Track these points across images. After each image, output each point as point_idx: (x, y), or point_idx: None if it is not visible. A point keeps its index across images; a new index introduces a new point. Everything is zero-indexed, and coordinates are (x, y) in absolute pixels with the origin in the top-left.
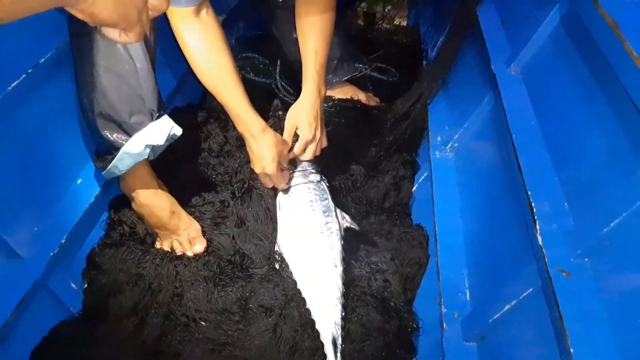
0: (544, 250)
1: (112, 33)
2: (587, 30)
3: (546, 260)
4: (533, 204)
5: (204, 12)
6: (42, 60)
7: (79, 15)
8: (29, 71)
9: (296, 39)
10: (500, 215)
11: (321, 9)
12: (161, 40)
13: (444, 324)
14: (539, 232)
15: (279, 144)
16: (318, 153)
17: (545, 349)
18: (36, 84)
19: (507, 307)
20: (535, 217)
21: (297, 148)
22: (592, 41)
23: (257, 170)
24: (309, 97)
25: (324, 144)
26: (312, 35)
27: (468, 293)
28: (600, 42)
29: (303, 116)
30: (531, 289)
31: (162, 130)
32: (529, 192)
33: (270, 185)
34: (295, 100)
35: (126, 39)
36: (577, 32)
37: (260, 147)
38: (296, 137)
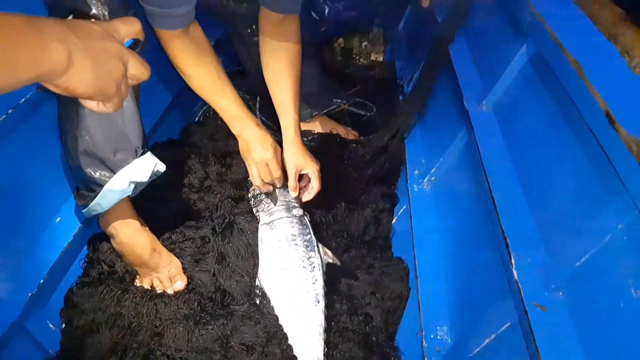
0: (519, 284)
1: (90, 104)
2: (553, 70)
3: (522, 294)
4: (508, 239)
5: (191, 29)
6: (22, 100)
7: (55, 90)
8: (9, 111)
9: None
10: (478, 249)
11: (289, 49)
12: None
13: (426, 359)
14: (514, 266)
15: (273, 141)
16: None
17: None
18: (15, 124)
19: (486, 341)
20: (510, 251)
21: (317, 183)
22: (558, 81)
23: (256, 158)
24: (293, 138)
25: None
26: (283, 77)
27: (449, 327)
28: (565, 83)
29: (299, 155)
30: (509, 323)
31: (146, 166)
32: (504, 227)
33: (263, 184)
34: (275, 134)
35: (104, 109)
36: (544, 72)
37: (256, 137)
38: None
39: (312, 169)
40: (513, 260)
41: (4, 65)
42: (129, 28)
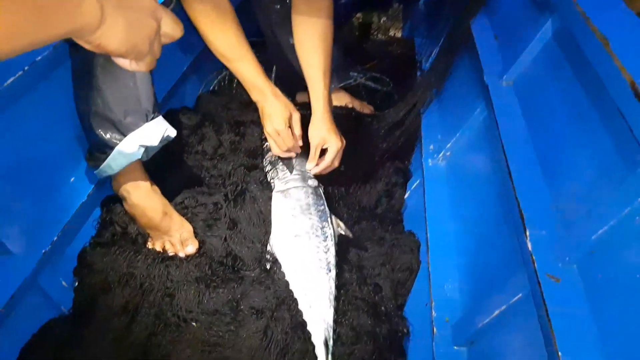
0: (533, 256)
1: (123, 62)
2: (578, 45)
3: (536, 266)
4: (523, 211)
5: None
6: (39, 58)
7: (87, 46)
8: (25, 68)
9: (291, 45)
10: (491, 223)
11: (320, 23)
12: None
13: (435, 329)
14: (528, 238)
15: (290, 107)
16: (337, 164)
17: (534, 353)
18: (32, 82)
19: (496, 312)
20: (525, 224)
21: (331, 158)
22: (583, 56)
23: (268, 128)
24: (322, 113)
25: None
26: (314, 51)
27: (459, 298)
28: (590, 57)
29: (325, 130)
30: (520, 295)
31: (156, 131)
32: (520, 200)
33: (282, 151)
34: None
35: (136, 68)
36: (568, 47)
37: (271, 107)
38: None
39: (333, 145)
40: (528, 232)
41: (36, 20)
42: None
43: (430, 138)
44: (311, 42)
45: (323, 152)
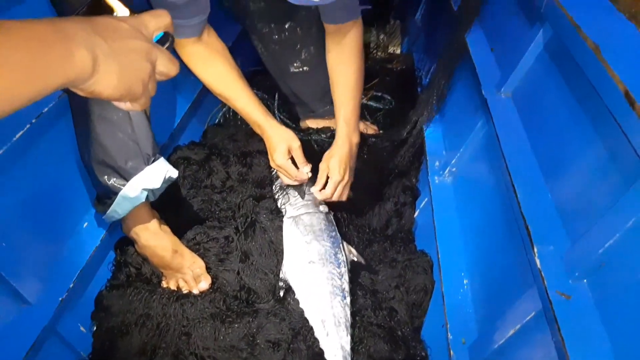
0: (542, 273)
1: (117, 103)
2: (571, 54)
3: (545, 283)
4: (530, 227)
5: (205, 35)
6: (45, 109)
7: (81, 93)
8: (33, 121)
9: (292, 73)
10: (500, 239)
11: (352, 57)
12: (159, 82)
13: (451, 351)
14: (536, 254)
15: (289, 138)
16: (344, 198)
17: None
18: (40, 132)
19: (511, 331)
20: (533, 240)
21: (330, 190)
22: (576, 65)
23: (272, 163)
24: (340, 145)
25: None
26: (343, 83)
27: (474, 318)
28: (583, 66)
29: (335, 160)
30: (534, 313)
31: (158, 173)
32: (525, 215)
33: (291, 181)
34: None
35: (131, 108)
36: (561, 57)
37: (270, 142)
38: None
39: (333, 177)
40: (535, 249)
41: (28, 80)
42: (159, 22)
43: (435, 154)
44: (343, 80)
45: None
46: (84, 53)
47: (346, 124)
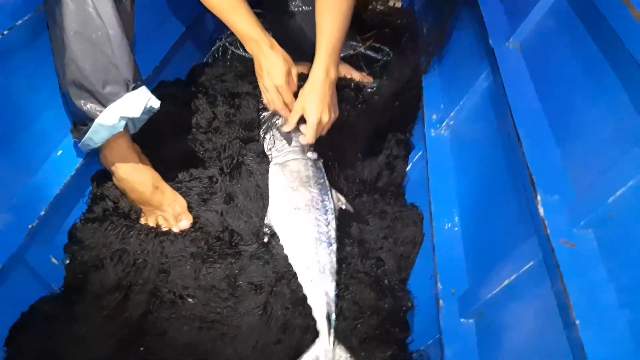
0: (545, 221)
1: None
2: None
3: (548, 231)
4: (534, 176)
5: None
6: (19, 22)
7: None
8: (4, 32)
9: (290, 13)
10: (498, 192)
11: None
12: (148, 11)
13: (440, 301)
14: (540, 203)
15: (289, 61)
16: (324, 133)
17: (548, 322)
18: (12, 48)
19: (506, 281)
20: (536, 189)
21: (310, 134)
22: (596, 10)
23: (266, 83)
24: (315, 79)
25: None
26: (328, 15)
27: (465, 270)
28: (604, 10)
29: (310, 100)
30: (532, 263)
31: (138, 101)
32: (529, 165)
33: (279, 107)
34: None
35: None
36: (579, 2)
37: (269, 61)
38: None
39: (309, 119)
40: (539, 198)
41: None
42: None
43: (433, 107)
44: (328, 12)
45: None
46: None
47: (327, 55)
